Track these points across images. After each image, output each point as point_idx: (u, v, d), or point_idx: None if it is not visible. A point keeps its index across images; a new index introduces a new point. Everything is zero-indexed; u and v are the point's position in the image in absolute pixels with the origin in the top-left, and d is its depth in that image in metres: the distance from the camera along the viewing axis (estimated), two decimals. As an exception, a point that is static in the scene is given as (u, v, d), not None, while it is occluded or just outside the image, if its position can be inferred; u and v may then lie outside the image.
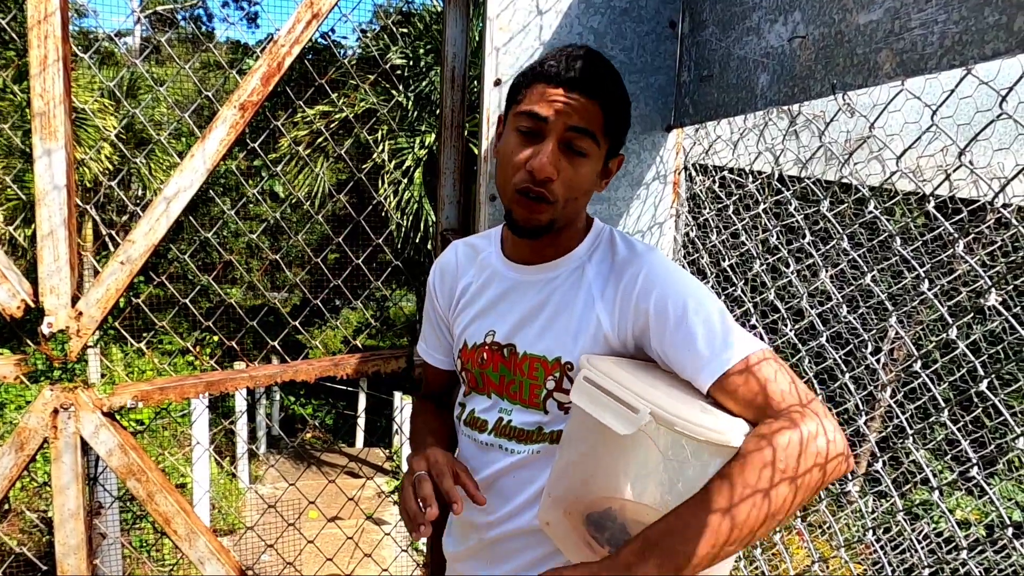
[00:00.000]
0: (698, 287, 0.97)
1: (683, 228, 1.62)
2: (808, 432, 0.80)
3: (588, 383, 0.89)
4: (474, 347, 1.14)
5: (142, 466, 1.49)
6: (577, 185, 1.00)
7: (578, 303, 1.03)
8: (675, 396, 0.87)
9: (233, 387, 1.55)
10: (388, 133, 8.11)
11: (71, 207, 1.40)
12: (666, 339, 0.94)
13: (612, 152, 1.04)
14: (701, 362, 0.90)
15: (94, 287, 1.42)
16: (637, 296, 0.97)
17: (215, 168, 1.47)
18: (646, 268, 1.00)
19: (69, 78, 1.39)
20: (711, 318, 0.92)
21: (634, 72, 1.50)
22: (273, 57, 1.47)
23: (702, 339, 0.91)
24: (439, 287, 1.25)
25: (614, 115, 1.00)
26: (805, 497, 0.79)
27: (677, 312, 0.93)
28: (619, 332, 1.00)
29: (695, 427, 0.80)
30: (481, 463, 1.12)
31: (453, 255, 1.24)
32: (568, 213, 1.02)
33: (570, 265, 1.07)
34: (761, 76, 1.20)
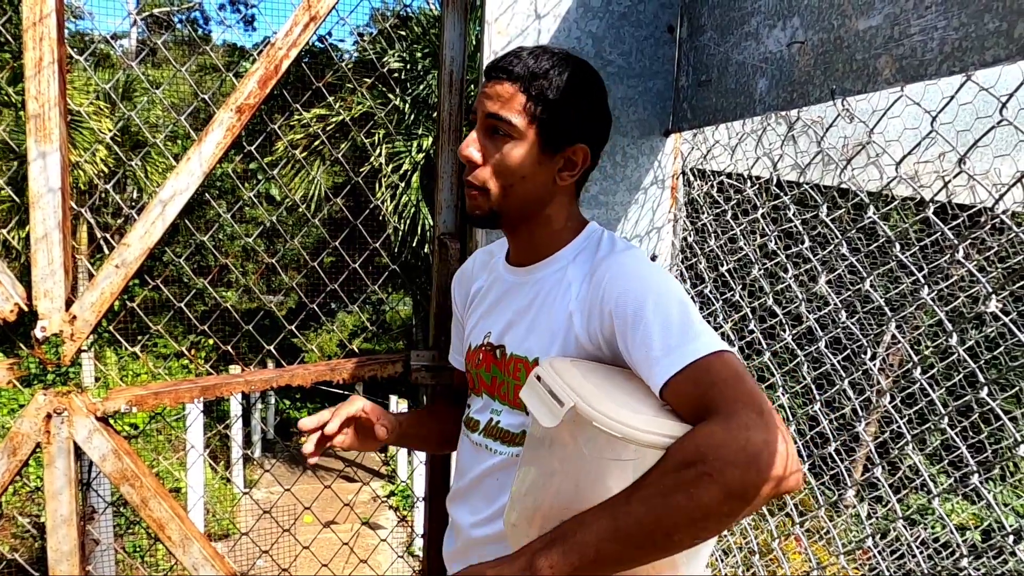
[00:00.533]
0: (662, 285, 0.92)
1: (681, 233, 1.61)
2: (740, 431, 0.73)
3: (536, 380, 0.88)
4: (475, 348, 1.16)
5: (136, 471, 1.47)
6: (506, 168, 1.00)
7: (556, 304, 1.03)
8: (623, 400, 0.83)
9: (228, 392, 1.54)
10: (385, 137, 8.11)
11: (66, 210, 1.39)
12: (627, 339, 0.90)
13: (554, 138, 1.01)
14: (652, 362, 0.85)
15: (88, 291, 1.41)
16: (602, 297, 0.95)
17: (211, 171, 1.46)
18: (616, 267, 0.97)
19: (64, 80, 1.38)
20: (670, 317, 0.87)
21: (632, 76, 1.50)
22: (270, 60, 1.46)
23: (657, 338, 0.86)
24: (457, 292, 1.29)
25: (540, 95, 0.98)
26: (736, 505, 0.72)
27: (635, 311, 0.89)
28: (590, 334, 0.97)
29: (616, 424, 0.77)
30: (471, 463, 1.12)
31: (471, 261, 1.28)
32: (515, 202, 1.03)
33: (555, 266, 1.07)
34: (760, 81, 1.20)
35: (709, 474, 0.71)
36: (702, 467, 0.72)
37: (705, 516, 0.72)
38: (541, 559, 0.77)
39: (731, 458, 0.71)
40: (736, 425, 0.73)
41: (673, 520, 0.73)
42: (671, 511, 0.73)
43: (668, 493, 0.73)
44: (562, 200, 1.07)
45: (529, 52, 1.01)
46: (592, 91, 1.03)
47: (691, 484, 0.72)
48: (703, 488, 0.71)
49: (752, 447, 0.71)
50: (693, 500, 0.72)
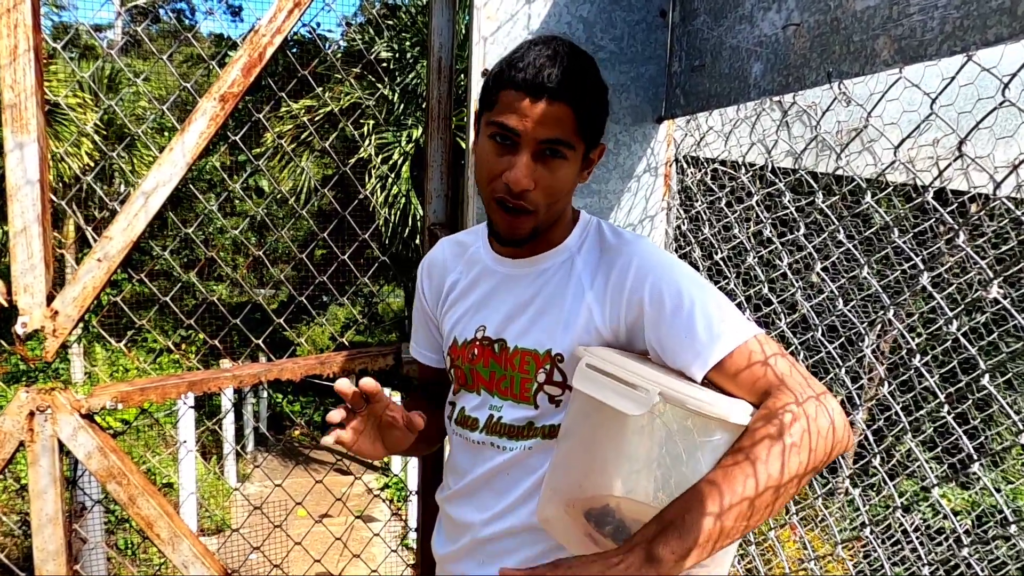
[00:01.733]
0: (692, 273, 0.97)
1: (674, 221, 1.59)
2: (813, 406, 0.81)
3: (591, 369, 0.88)
4: (464, 343, 1.12)
5: (123, 469, 1.45)
6: (557, 189, 0.97)
7: (568, 295, 1.02)
8: (676, 379, 0.87)
9: (217, 387, 1.51)
10: (375, 127, 8.04)
11: (45, 202, 1.36)
12: (662, 328, 0.93)
13: (591, 148, 1.01)
14: (699, 347, 0.89)
15: (70, 285, 1.38)
16: (630, 287, 0.96)
17: (197, 163, 1.43)
18: (637, 257, 0.98)
19: (41, 69, 1.34)
20: (708, 303, 0.92)
21: (624, 62, 1.48)
22: (254, 47, 1.43)
23: (701, 324, 0.90)
24: (427, 285, 1.23)
25: (587, 113, 0.95)
26: (814, 468, 0.81)
27: (674, 300, 0.93)
28: (610, 324, 0.99)
29: (705, 404, 0.80)
30: (474, 462, 1.10)
31: (440, 252, 1.22)
32: (551, 216, 1.01)
33: (559, 257, 1.05)
34: (754, 65, 1.18)
35: (797, 444, 0.79)
36: (793, 437, 0.79)
37: (799, 479, 0.80)
38: (659, 548, 0.76)
39: (815, 426, 0.80)
40: (807, 396, 0.82)
41: (775, 488, 0.78)
42: (772, 480, 0.78)
43: (767, 463, 0.78)
44: (569, 198, 1.05)
45: (569, 58, 0.94)
46: (605, 88, 1.00)
47: (787, 452, 0.79)
48: (798, 454, 0.79)
49: (828, 413, 0.82)
50: (790, 466, 0.78)
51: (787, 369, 0.87)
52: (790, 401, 0.82)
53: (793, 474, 0.79)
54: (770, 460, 0.78)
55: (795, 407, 0.81)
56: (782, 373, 0.86)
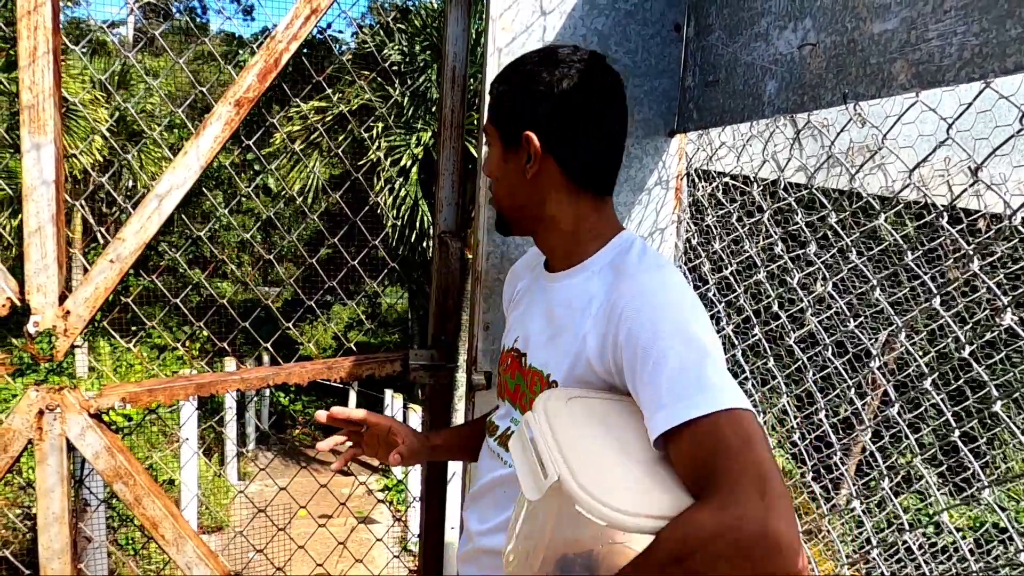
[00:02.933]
0: (683, 318, 0.83)
1: (684, 234, 1.60)
2: (734, 519, 0.64)
3: (524, 428, 0.83)
4: (505, 351, 1.14)
5: (129, 469, 1.45)
6: (490, 174, 1.06)
7: (577, 318, 0.96)
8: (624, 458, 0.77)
9: (224, 389, 1.52)
10: (384, 130, 8.06)
11: (59, 203, 1.37)
12: (636, 375, 0.82)
13: (509, 131, 1.01)
14: (656, 406, 0.77)
15: (83, 285, 1.39)
16: (618, 323, 0.86)
17: (208, 164, 1.44)
18: (636, 290, 0.88)
19: (59, 70, 1.35)
20: (686, 359, 0.78)
21: (638, 75, 1.48)
22: (270, 53, 1.44)
23: (666, 380, 0.77)
24: (507, 287, 1.27)
25: (497, 97, 1.03)
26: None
27: (646, 345, 0.81)
28: (602, 359, 0.90)
29: (600, 506, 0.70)
30: (484, 468, 1.11)
31: (522, 259, 1.27)
32: (506, 207, 1.06)
33: (582, 275, 1.00)
34: (769, 83, 1.18)
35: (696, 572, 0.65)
36: (690, 563, 0.65)
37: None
38: None
39: (721, 552, 0.64)
40: (731, 512, 0.65)
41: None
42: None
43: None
44: (559, 200, 0.99)
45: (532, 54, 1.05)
46: (530, 75, 0.98)
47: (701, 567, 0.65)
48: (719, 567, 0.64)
49: (745, 540, 0.63)
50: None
51: (742, 466, 0.68)
52: (709, 517, 0.66)
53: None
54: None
55: (714, 525, 0.65)
56: (731, 470, 0.68)
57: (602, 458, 0.76)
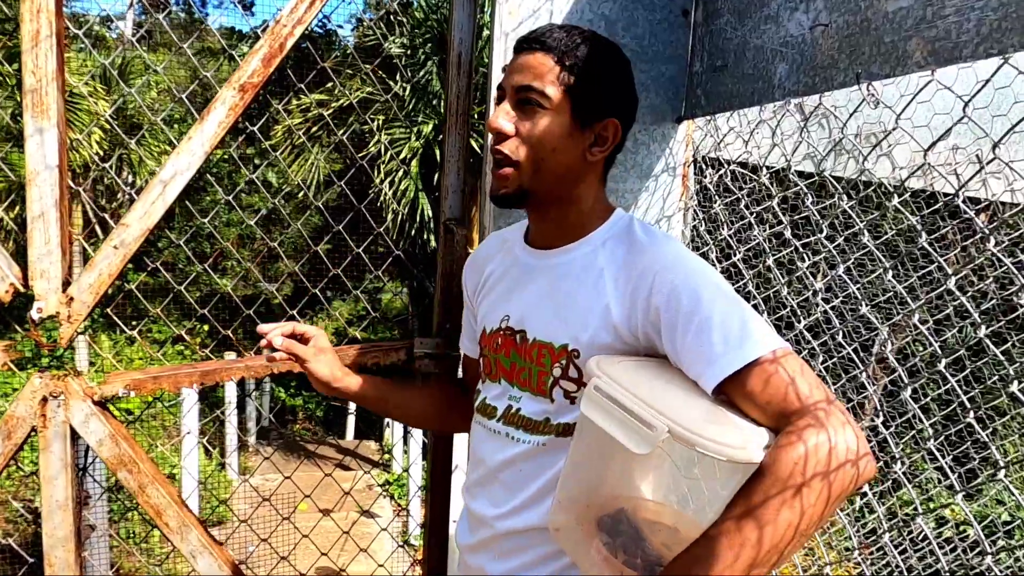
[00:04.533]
0: (715, 278, 0.93)
1: (691, 221, 1.59)
2: (836, 432, 0.75)
3: (599, 393, 0.85)
4: (491, 332, 1.13)
5: (133, 457, 1.45)
6: (538, 140, 0.98)
7: (588, 289, 1.00)
8: (693, 403, 0.83)
9: (228, 376, 1.51)
10: (384, 123, 8.04)
11: (63, 188, 1.36)
12: (677, 334, 0.89)
13: (586, 111, 0.99)
14: (712, 357, 0.84)
15: (86, 271, 1.38)
16: (650, 290, 0.93)
17: (212, 151, 1.43)
18: (660, 259, 0.95)
19: (62, 55, 1.34)
20: (728, 311, 0.87)
21: (645, 61, 1.47)
22: (275, 38, 1.42)
23: (716, 333, 0.85)
24: (468, 275, 1.27)
25: (573, 65, 0.97)
26: (837, 502, 0.75)
27: (690, 305, 0.88)
28: (629, 325, 0.96)
29: (717, 445, 0.75)
30: (488, 451, 1.10)
31: (484, 245, 1.26)
32: (545, 177, 1.01)
33: (583, 250, 1.04)
34: (779, 66, 1.17)
35: (812, 483, 0.73)
36: (812, 476, 0.73)
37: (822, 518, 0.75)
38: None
39: (837, 462, 0.74)
40: (829, 427, 0.75)
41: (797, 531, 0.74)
42: (793, 523, 0.73)
43: (787, 506, 0.73)
44: (591, 180, 1.05)
45: (560, 27, 1.01)
46: (624, 68, 1.03)
47: (804, 493, 0.73)
48: (818, 494, 0.73)
49: (851, 447, 0.75)
50: (812, 507, 0.73)
51: (807, 390, 0.80)
52: (811, 423, 0.76)
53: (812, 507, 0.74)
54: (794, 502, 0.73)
55: (817, 430, 0.75)
56: (800, 393, 0.80)
57: (687, 405, 0.82)
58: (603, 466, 0.89)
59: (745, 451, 0.76)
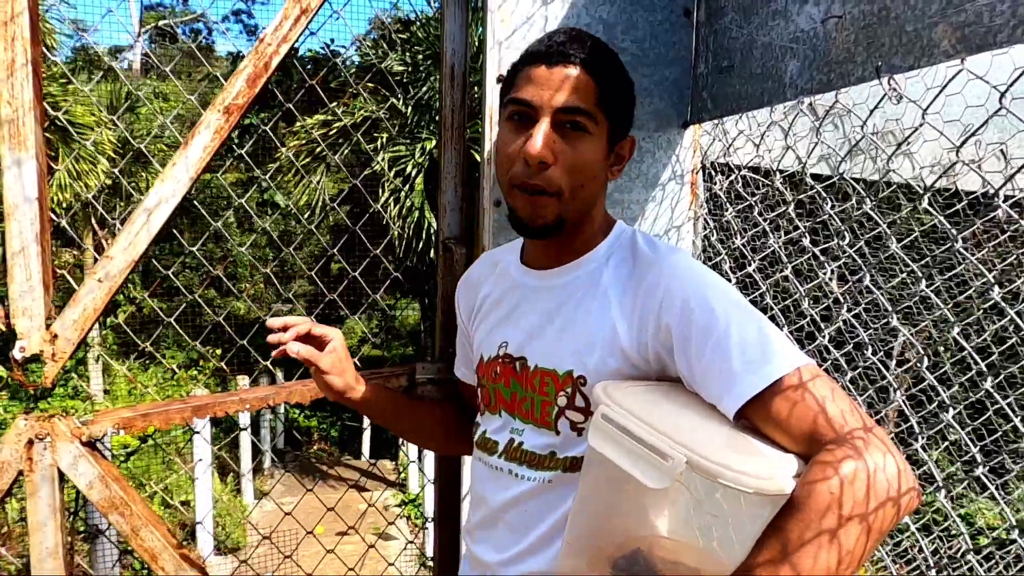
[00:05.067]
0: (731, 293, 0.86)
1: (702, 231, 1.51)
2: (875, 462, 0.67)
3: (607, 422, 0.77)
4: (489, 360, 1.06)
5: (125, 499, 1.38)
6: (581, 168, 0.89)
7: (592, 311, 0.93)
8: (712, 430, 0.75)
9: (222, 411, 1.45)
10: (388, 141, 8.03)
11: (44, 222, 1.30)
12: (692, 353, 0.82)
13: (616, 132, 0.94)
14: (732, 378, 0.77)
15: (70, 307, 1.32)
16: (660, 307, 0.86)
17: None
18: (668, 273, 0.88)
19: (40, 83, 1.29)
20: (746, 327, 0.80)
21: (647, 65, 1.40)
22: (259, 57, 1.37)
23: (735, 351, 0.78)
24: (461, 300, 1.19)
25: (609, 86, 0.90)
26: (877, 540, 0.67)
27: (704, 321, 0.81)
28: (639, 347, 0.88)
29: (742, 476, 0.67)
30: (490, 490, 1.02)
31: (476, 266, 1.19)
32: (579, 206, 0.92)
33: (586, 268, 0.97)
34: (790, 63, 1.10)
35: (851, 521, 0.65)
36: (851, 514, 0.66)
37: (863, 558, 0.68)
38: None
39: (879, 498, 0.66)
40: (868, 456, 0.67)
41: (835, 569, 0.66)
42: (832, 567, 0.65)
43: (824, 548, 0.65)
44: (602, 198, 0.99)
45: (589, 36, 0.93)
46: (630, 78, 0.97)
47: (843, 533, 0.65)
48: (859, 533, 0.66)
49: (893, 479, 0.67)
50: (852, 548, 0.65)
51: (839, 412, 0.72)
52: (849, 454, 0.67)
53: (851, 546, 0.66)
54: (823, 531, 0.65)
55: (855, 460, 0.67)
56: (834, 417, 0.72)
57: (706, 432, 0.75)
58: (615, 502, 0.81)
59: (773, 482, 0.69)
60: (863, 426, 0.71)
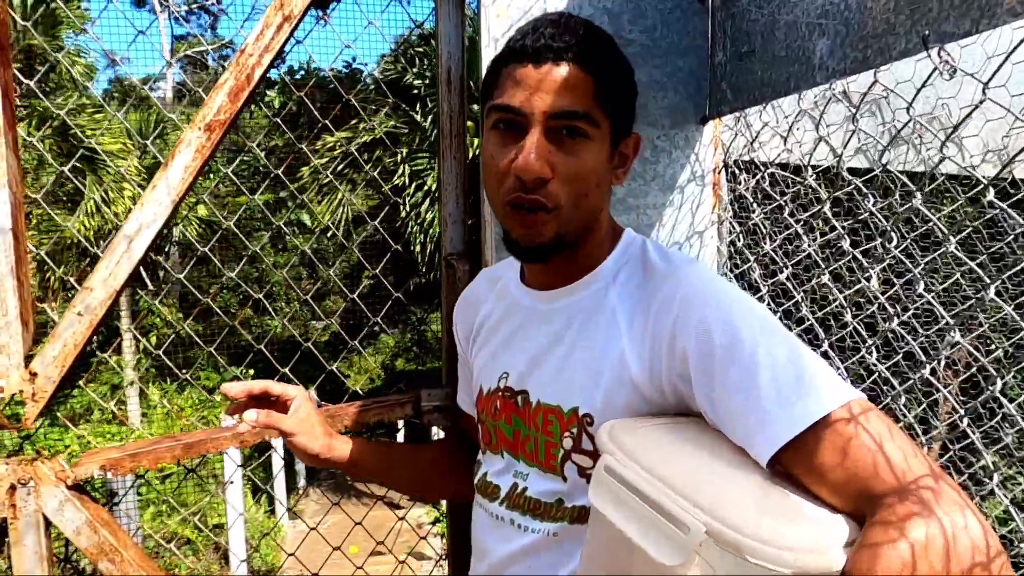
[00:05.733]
0: (757, 310, 0.73)
1: (727, 236, 1.37)
2: (953, 522, 0.53)
3: (611, 476, 0.64)
4: (489, 393, 0.93)
5: (115, 544, 1.29)
6: (582, 178, 0.77)
7: (599, 336, 0.80)
8: (740, 482, 0.62)
9: (216, 448, 1.36)
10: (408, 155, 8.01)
11: (20, 253, 1.23)
12: (713, 386, 0.69)
13: (619, 130, 0.81)
14: (763, 417, 0.64)
15: (49, 343, 1.25)
16: (674, 329, 0.73)
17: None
18: (683, 289, 0.75)
19: (12, 106, 1.22)
20: (777, 353, 0.67)
21: (658, 56, 1.27)
22: (240, 69, 1.28)
23: (766, 383, 0.65)
24: (459, 321, 1.07)
25: (608, 79, 0.77)
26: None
27: (726, 345, 0.69)
28: (651, 377, 0.75)
29: (778, 551, 0.54)
30: (491, 541, 0.89)
31: (474, 285, 1.07)
32: (581, 218, 0.80)
33: (592, 287, 0.84)
34: (819, 42, 0.96)
35: (980, 564, 0.52)
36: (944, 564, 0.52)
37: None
38: None
39: (960, 567, 0.52)
40: (941, 515, 0.54)
41: None
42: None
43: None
44: (607, 205, 0.86)
45: (581, 22, 0.79)
46: (629, 65, 0.83)
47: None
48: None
49: (977, 542, 0.53)
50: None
51: (901, 457, 0.59)
52: (916, 511, 0.54)
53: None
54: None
55: (926, 519, 0.53)
56: (896, 466, 0.58)
57: (732, 486, 0.62)
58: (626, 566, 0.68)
59: (820, 556, 0.55)
60: (930, 473, 0.57)
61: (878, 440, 0.60)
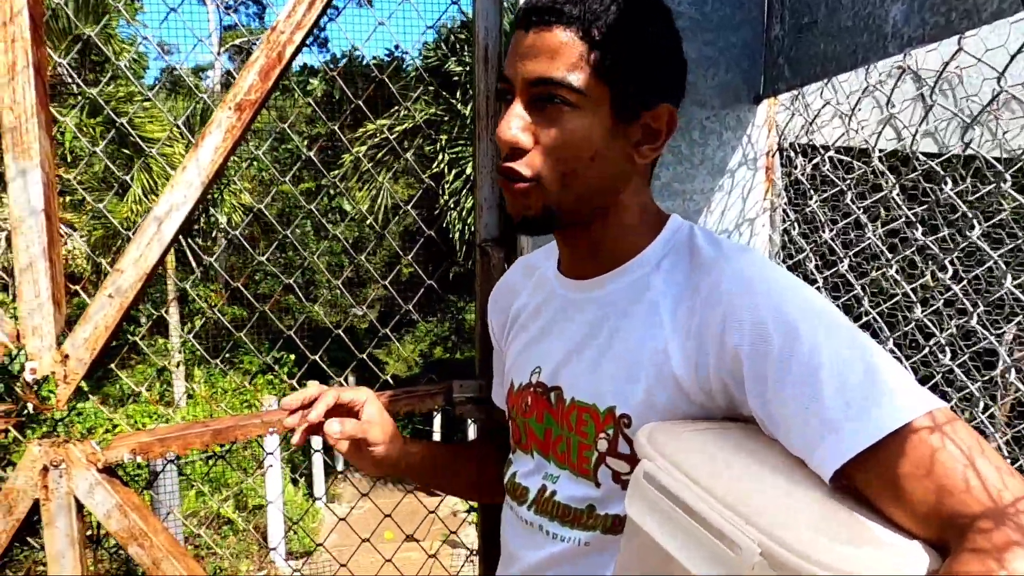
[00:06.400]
0: (817, 302, 0.65)
1: (780, 224, 1.28)
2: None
3: (651, 485, 0.58)
4: (520, 389, 0.88)
5: (145, 529, 1.29)
6: (568, 148, 0.70)
7: (637, 329, 0.73)
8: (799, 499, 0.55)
9: (244, 435, 1.33)
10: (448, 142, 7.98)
11: (53, 234, 1.22)
12: (768, 388, 0.62)
13: (629, 99, 0.72)
14: (827, 427, 0.57)
15: (81, 325, 1.24)
16: (724, 324, 0.66)
17: (211, 181, 1.26)
18: (734, 280, 0.67)
19: (45, 87, 1.21)
20: (842, 349, 0.60)
21: (708, 30, 1.19)
22: (272, 47, 1.25)
23: (831, 387, 0.58)
24: (493, 312, 1.01)
25: (612, 41, 0.69)
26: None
27: (784, 343, 0.61)
28: (697, 376, 0.68)
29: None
30: (519, 547, 0.84)
31: (510, 274, 1.01)
32: (578, 193, 0.73)
33: (632, 275, 0.77)
34: (892, 7, 0.87)
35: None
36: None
37: None
38: None
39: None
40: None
41: None
42: None
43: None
44: (637, 185, 0.78)
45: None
46: (669, 25, 0.75)
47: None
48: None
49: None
50: None
51: (995, 475, 0.52)
52: (1009, 545, 0.47)
53: None
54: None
55: (1021, 559, 0.47)
56: (990, 485, 0.51)
57: (790, 502, 0.55)
58: None
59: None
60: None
61: (968, 454, 0.52)
